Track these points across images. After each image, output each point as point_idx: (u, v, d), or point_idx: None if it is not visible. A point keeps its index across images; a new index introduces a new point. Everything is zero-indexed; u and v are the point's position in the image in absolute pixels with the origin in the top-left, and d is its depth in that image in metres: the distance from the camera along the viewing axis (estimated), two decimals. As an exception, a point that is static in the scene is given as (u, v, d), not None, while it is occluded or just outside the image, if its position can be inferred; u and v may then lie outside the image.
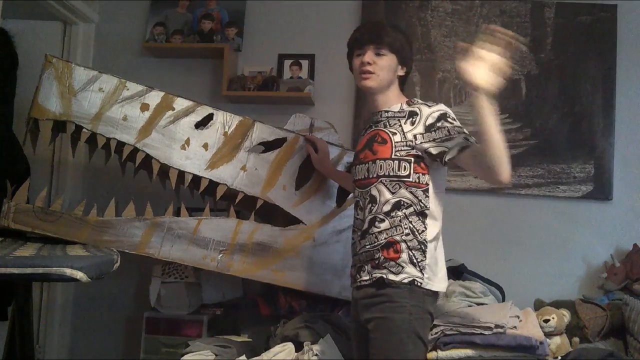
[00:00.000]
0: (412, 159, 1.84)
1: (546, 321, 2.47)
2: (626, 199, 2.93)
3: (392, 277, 1.81)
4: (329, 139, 2.54)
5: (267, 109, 3.11)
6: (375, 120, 1.96)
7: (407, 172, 1.84)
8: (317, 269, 2.48)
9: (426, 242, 1.83)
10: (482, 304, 2.62)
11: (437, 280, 1.85)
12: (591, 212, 2.95)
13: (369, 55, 1.91)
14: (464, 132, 1.83)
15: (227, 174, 2.44)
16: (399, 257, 1.81)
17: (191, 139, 2.42)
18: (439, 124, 1.84)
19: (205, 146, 2.43)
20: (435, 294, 1.86)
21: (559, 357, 2.42)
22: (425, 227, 1.84)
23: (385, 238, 1.84)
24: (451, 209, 2.90)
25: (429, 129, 1.84)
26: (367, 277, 1.87)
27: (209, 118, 2.45)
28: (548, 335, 2.44)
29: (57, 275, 1.56)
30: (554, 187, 2.96)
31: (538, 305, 2.71)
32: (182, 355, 2.43)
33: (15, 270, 1.56)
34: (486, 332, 2.28)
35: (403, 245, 1.82)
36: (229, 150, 2.44)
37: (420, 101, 1.93)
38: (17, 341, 2.19)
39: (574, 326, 2.59)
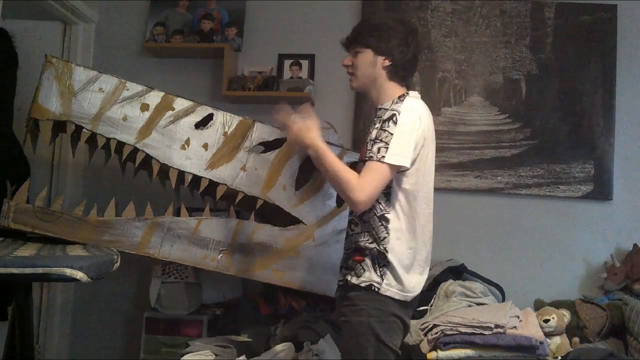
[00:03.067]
0: None
1: (546, 321, 2.47)
2: (626, 199, 2.93)
3: (354, 279, 1.83)
4: (329, 139, 2.53)
5: (267, 109, 3.08)
6: (374, 118, 1.92)
7: None
8: (317, 269, 2.47)
9: (386, 251, 1.79)
10: (482, 304, 2.62)
11: (399, 288, 1.80)
12: (591, 212, 2.95)
13: (347, 60, 1.96)
14: (385, 143, 1.75)
15: (227, 174, 2.43)
16: (362, 260, 1.82)
17: (191, 139, 2.42)
18: (382, 124, 1.79)
19: (205, 146, 2.43)
20: (400, 300, 1.81)
21: (559, 357, 2.42)
22: (387, 233, 1.80)
23: (355, 242, 1.86)
24: (451, 209, 2.95)
25: (380, 127, 1.81)
26: (340, 278, 1.91)
27: (208, 118, 2.45)
28: (548, 335, 2.45)
29: (57, 275, 1.56)
30: (554, 187, 2.96)
31: (538, 305, 2.71)
32: (182, 355, 2.44)
33: (15, 270, 1.56)
34: (486, 332, 2.28)
35: (367, 251, 1.82)
36: (228, 150, 2.44)
37: (411, 95, 1.88)
38: (17, 341, 2.19)
39: (574, 326, 2.59)
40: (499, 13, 3.08)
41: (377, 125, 1.82)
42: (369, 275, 1.80)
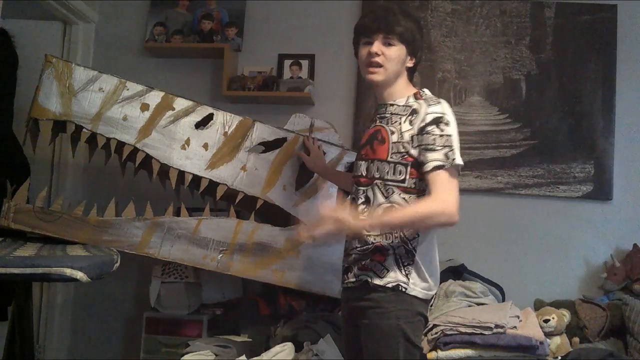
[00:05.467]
0: (409, 163, 1.76)
1: (546, 321, 2.47)
2: (626, 199, 2.93)
3: (377, 280, 1.76)
4: (329, 139, 2.54)
5: (267, 109, 3.11)
6: (381, 115, 1.86)
7: (403, 177, 1.76)
8: (317, 269, 2.47)
9: (415, 250, 1.76)
10: (482, 304, 2.62)
11: (424, 286, 1.77)
12: (591, 212, 2.94)
13: (377, 46, 1.79)
14: (449, 146, 1.71)
15: (227, 174, 2.43)
16: (384, 260, 1.76)
17: (191, 139, 2.42)
18: (429, 128, 1.72)
19: (206, 146, 2.43)
20: (423, 299, 1.79)
21: (559, 357, 2.42)
22: (417, 234, 1.77)
23: (373, 243, 1.79)
24: (451, 209, 2.94)
25: (421, 131, 1.74)
26: (353, 279, 1.83)
27: (209, 118, 2.45)
28: (548, 335, 2.45)
29: (57, 275, 1.56)
30: (554, 187, 2.96)
31: (538, 305, 2.71)
32: (182, 355, 2.44)
33: (15, 270, 1.56)
34: (486, 332, 2.28)
35: (390, 250, 1.77)
36: (229, 150, 2.44)
37: (428, 94, 1.84)
38: (17, 341, 2.19)
39: (574, 326, 2.59)
40: (499, 13, 3.08)
41: (409, 127, 1.76)
42: (395, 276, 1.74)
